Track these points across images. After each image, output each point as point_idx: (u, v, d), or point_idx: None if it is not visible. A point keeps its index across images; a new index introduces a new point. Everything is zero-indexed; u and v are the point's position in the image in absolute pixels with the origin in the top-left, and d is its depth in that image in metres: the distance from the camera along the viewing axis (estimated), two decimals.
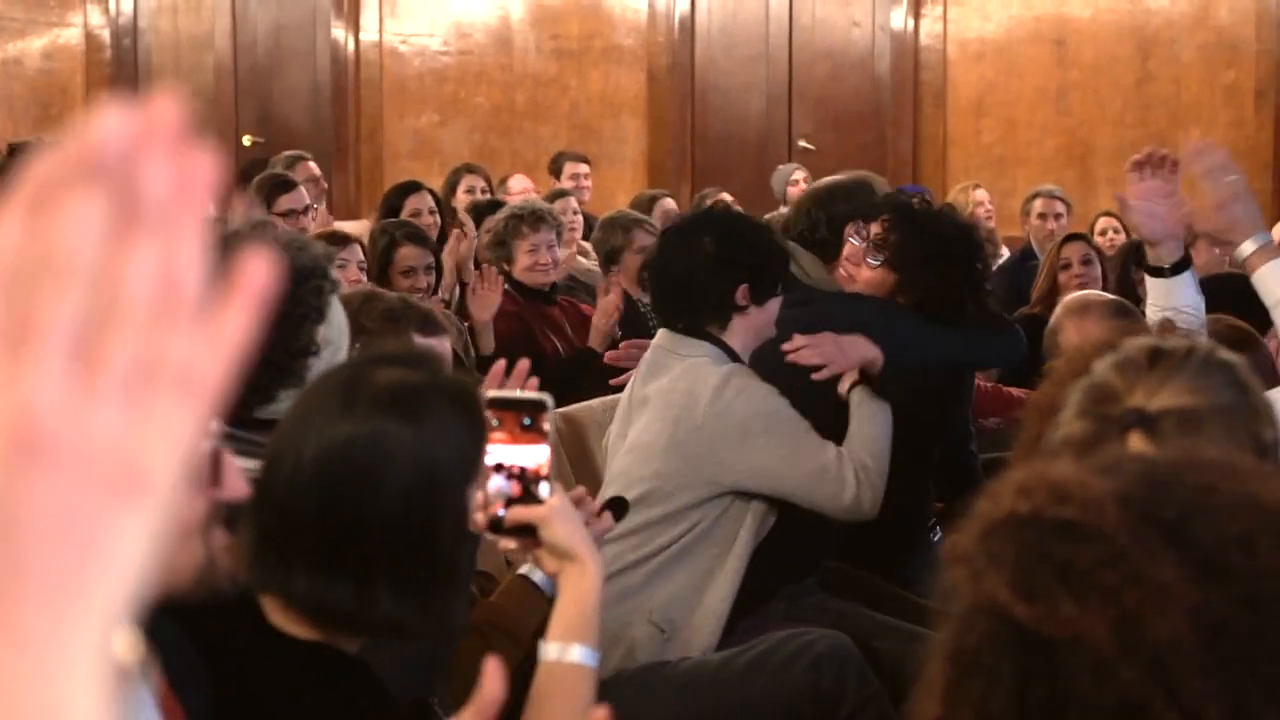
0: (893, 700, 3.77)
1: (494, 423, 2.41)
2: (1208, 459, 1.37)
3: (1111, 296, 5.31)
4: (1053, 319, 5.01)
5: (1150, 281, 3.76)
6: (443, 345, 3.24)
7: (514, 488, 2.42)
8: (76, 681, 0.72)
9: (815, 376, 4.25)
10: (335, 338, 3.12)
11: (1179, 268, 3.70)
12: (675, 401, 4.14)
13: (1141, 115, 12.57)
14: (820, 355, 4.27)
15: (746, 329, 4.27)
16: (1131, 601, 1.18)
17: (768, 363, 4.27)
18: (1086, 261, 7.33)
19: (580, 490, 2.87)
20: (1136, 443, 2.13)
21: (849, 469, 4.12)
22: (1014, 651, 1.21)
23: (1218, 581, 1.18)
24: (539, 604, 2.96)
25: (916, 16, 13.00)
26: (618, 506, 3.27)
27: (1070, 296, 5.38)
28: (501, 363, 3.01)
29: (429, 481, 2.35)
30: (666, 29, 13.36)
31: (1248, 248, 3.54)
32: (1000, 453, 4.35)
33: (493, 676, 1.82)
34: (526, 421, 2.41)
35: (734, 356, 4.21)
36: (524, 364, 2.95)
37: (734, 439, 4.11)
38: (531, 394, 2.49)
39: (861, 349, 4.33)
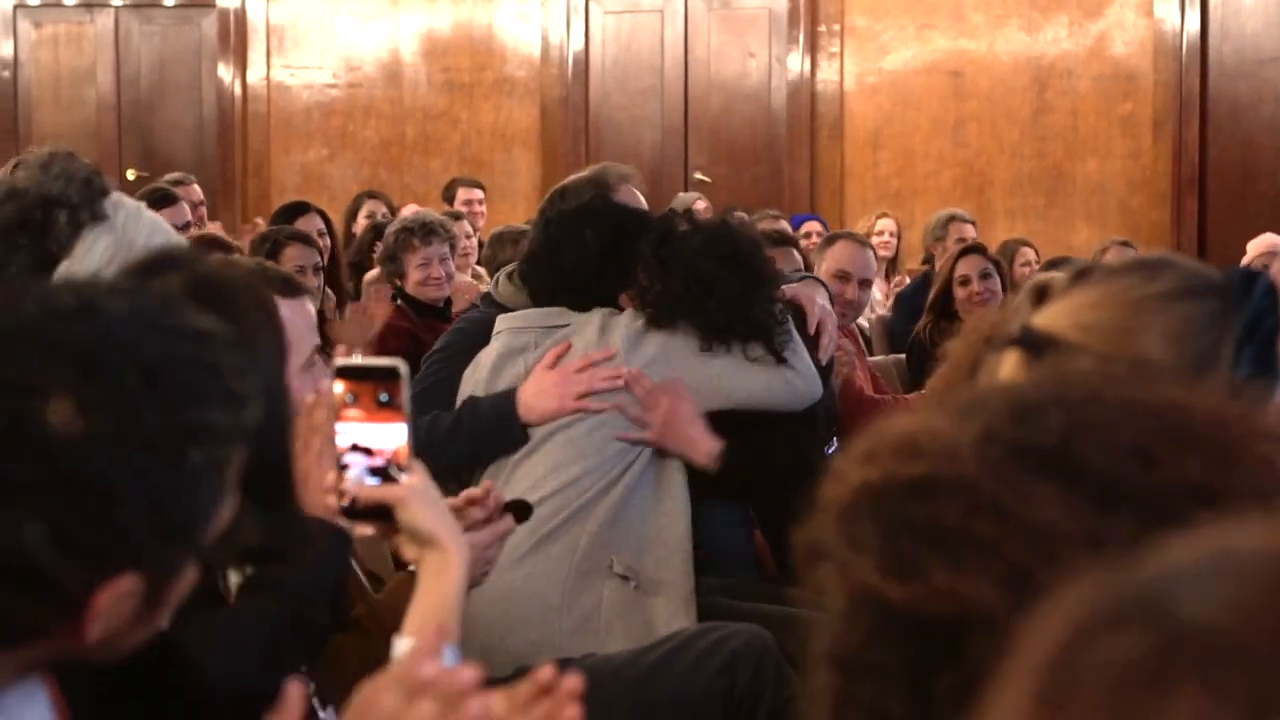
0: None
1: (347, 398, 2.21)
2: (1083, 370, 1.19)
3: None
4: None
5: None
6: (304, 307, 3.06)
7: (371, 469, 2.23)
8: None
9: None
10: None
11: None
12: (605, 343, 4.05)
13: (1039, 146, 12.55)
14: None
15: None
16: (1013, 552, 1.01)
17: None
18: (985, 276, 7.05)
19: (487, 484, 2.73)
20: (1010, 365, 1.85)
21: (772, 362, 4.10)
22: (902, 641, 1.04)
23: (1113, 505, 1.01)
24: None
25: (813, 49, 12.92)
26: (520, 509, 3.05)
27: None
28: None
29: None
30: (559, 61, 13.23)
31: None
32: None
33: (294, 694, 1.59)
34: (383, 398, 2.22)
35: None
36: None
37: (683, 361, 4.04)
38: (383, 361, 2.29)
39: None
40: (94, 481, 1.47)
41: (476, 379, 4.16)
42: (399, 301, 6.60)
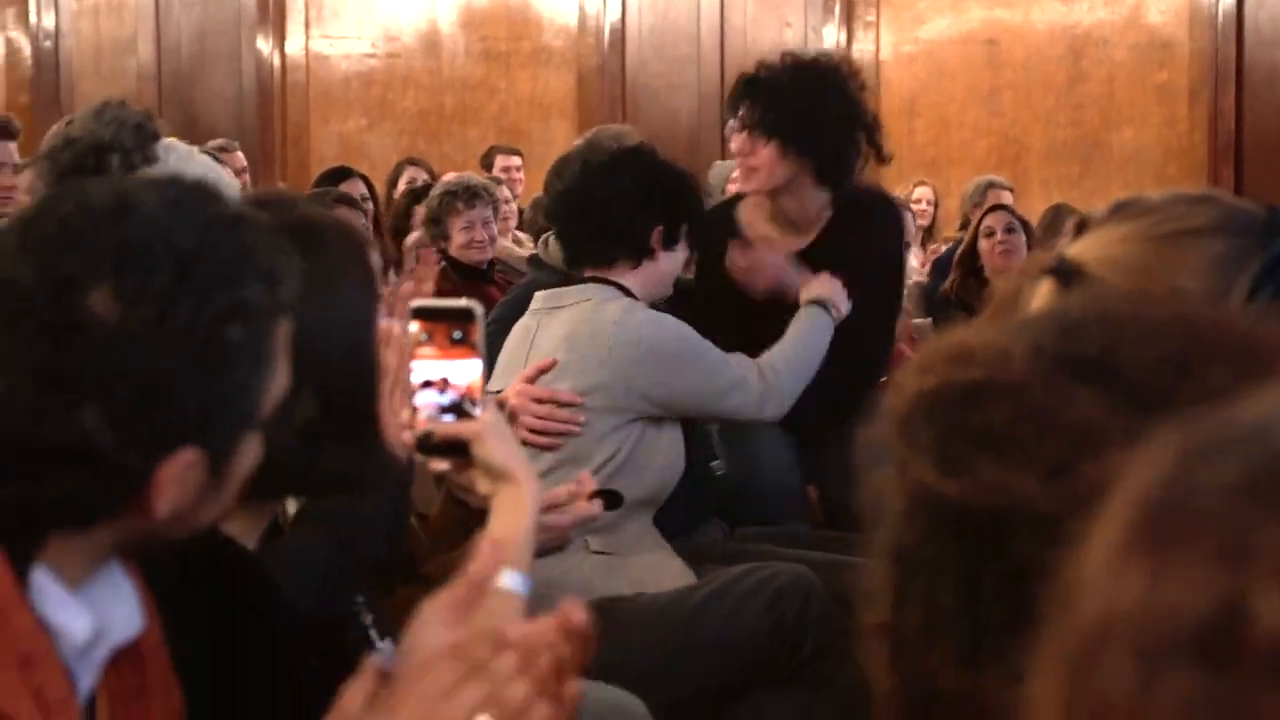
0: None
1: (422, 336, 2.29)
2: (1126, 292, 1.26)
3: None
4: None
5: None
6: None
7: (445, 404, 2.29)
8: None
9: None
10: None
11: None
12: (581, 344, 4.06)
13: (1074, 115, 12.55)
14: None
15: (649, 273, 4.22)
16: (1056, 449, 1.08)
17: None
18: (1010, 230, 7.19)
19: (585, 474, 2.82)
20: (1043, 294, 1.90)
21: (754, 374, 4.17)
22: (954, 536, 1.11)
23: (1149, 407, 1.07)
24: None
25: (849, 18, 12.94)
26: (610, 497, 3.13)
27: None
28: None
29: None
30: (596, 31, 13.27)
31: None
32: None
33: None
34: (457, 335, 2.28)
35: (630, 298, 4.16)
36: (427, 253, 2.81)
37: (648, 364, 4.06)
38: (458, 302, 2.35)
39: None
40: (140, 364, 1.55)
41: (502, 361, 4.26)
42: (443, 264, 6.68)
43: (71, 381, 1.53)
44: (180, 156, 3.33)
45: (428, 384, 2.30)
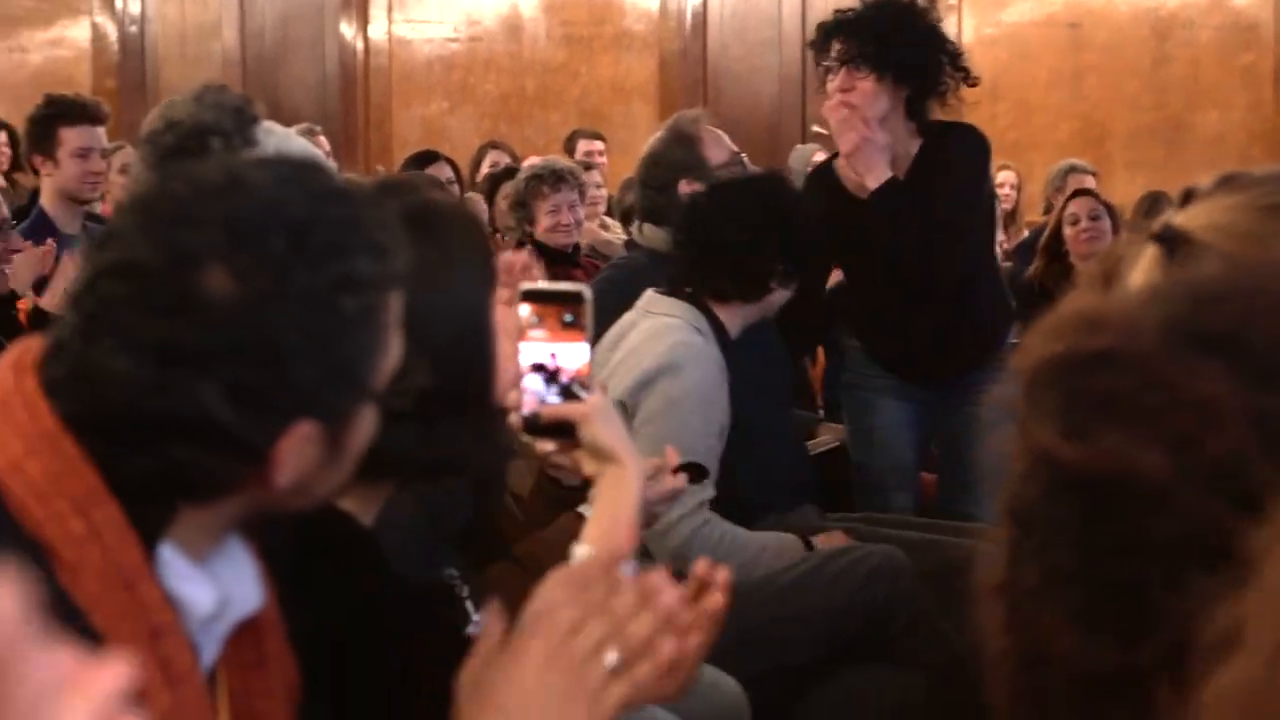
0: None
1: (533, 319, 2.31)
2: (1260, 262, 1.27)
3: None
4: None
5: None
6: None
7: (553, 387, 2.32)
8: None
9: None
10: None
11: None
12: (624, 367, 4.14)
13: (1158, 98, 12.49)
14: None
15: (754, 310, 4.27)
16: (1181, 422, 1.09)
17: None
18: (1095, 217, 7.16)
19: (669, 448, 2.83)
20: (1147, 260, 1.91)
21: (701, 513, 4.00)
22: (1074, 498, 1.13)
23: (1275, 385, 1.09)
24: None
25: (931, 1, 12.89)
26: (696, 469, 3.16)
27: None
28: (510, 255, 2.89)
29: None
30: (678, 14, 13.28)
31: None
32: None
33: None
34: (568, 318, 2.31)
35: (720, 332, 4.14)
36: (522, 258, 2.83)
37: (644, 384, 4.07)
38: (569, 285, 2.38)
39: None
40: (256, 339, 1.58)
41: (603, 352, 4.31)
42: (529, 248, 6.72)
43: (191, 357, 1.57)
44: (279, 139, 3.38)
45: (539, 367, 2.33)
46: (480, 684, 1.68)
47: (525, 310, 2.32)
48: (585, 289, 2.34)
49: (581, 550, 2.25)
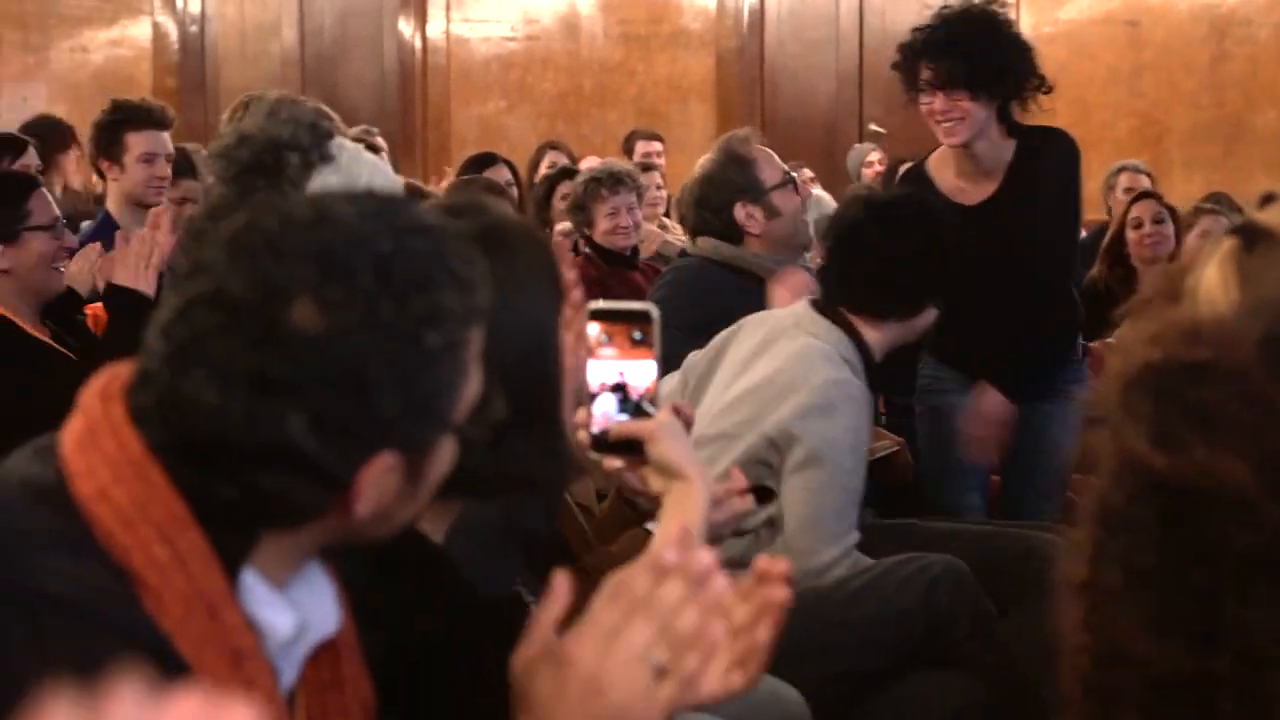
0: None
1: (602, 337, 2.34)
2: None
3: None
4: None
5: None
6: None
7: (624, 403, 2.35)
8: None
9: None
10: None
11: None
12: (774, 392, 4.12)
13: (1217, 96, 12.44)
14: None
15: (901, 332, 4.29)
16: (1272, 439, 1.10)
17: None
18: (1159, 221, 7.14)
19: (736, 470, 2.83)
20: (1223, 252, 1.90)
21: (849, 548, 4.04)
22: (1158, 505, 1.14)
23: None
24: None
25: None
26: (763, 492, 3.18)
27: None
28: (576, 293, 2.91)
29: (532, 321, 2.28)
30: (735, 13, 13.31)
31: None
32: None
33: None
34: (638, 336, 2.34)
35: (865, 353, 4.16)
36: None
37: (799, 417, 4.06)
38: (637, 304, 2.41)
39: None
40: (342, 371, 1.61)
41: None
42: (588, 250, 6.75)
43: (278, 388, 1.60)
44: (350, 155, 3.42)
45: (611, 385, 2.36)
46: (531, 677, 1.70)
47: (594, 329, 2.35)
48: (653, 308, 2.37)
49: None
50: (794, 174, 5.35)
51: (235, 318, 1.62)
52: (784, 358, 4.17)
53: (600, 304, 2.41)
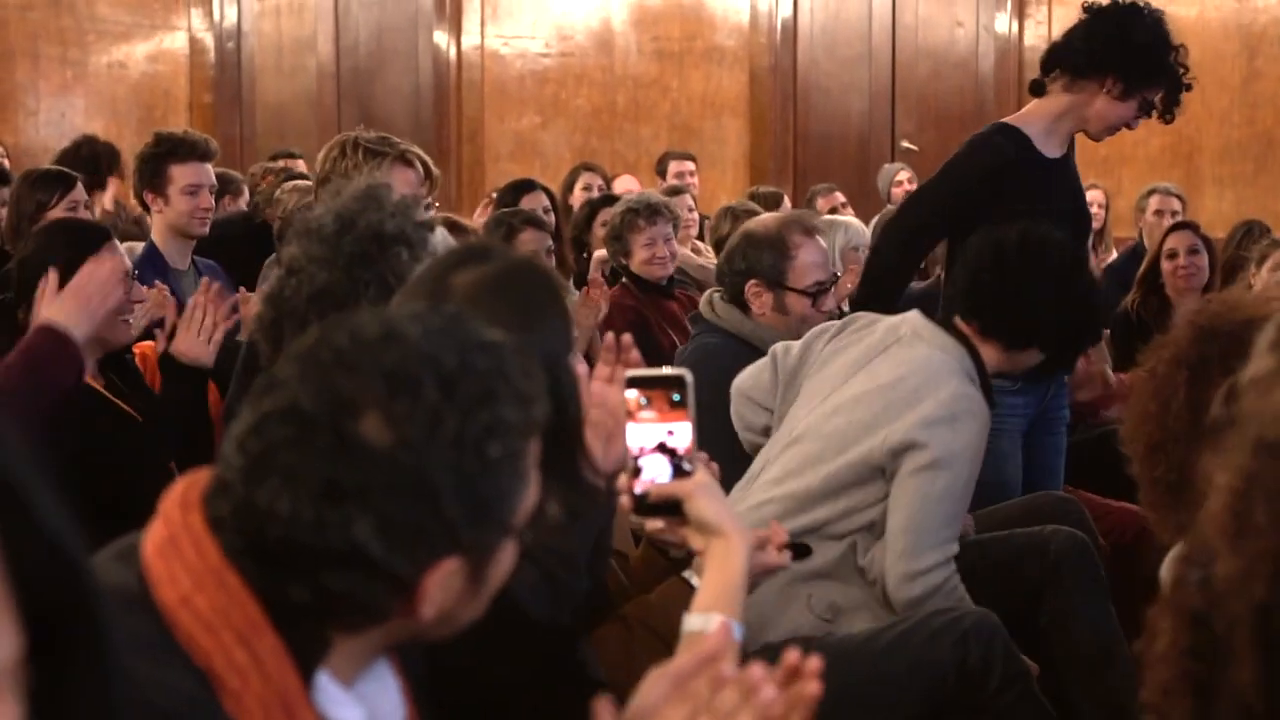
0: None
1: (641, 401, 2.42)
2: None
3: None
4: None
5: None
6: None
7: (664, 466, 2.43)
8: None
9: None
10: None
11: None
12: (898, 397, 4.17)
13: (1249, 114, 12.47)
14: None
15: (1005, 362, 4.35)
16: None
17: None
18: (1193, 251, 7.12)
19: (776, 523, 2.91)
20: (1275, 261, 1.95)
21: (946, 572, 4.08)
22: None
23: None
24: None
25: (1020, 16, 12.94)
26: (799, 549, 3.24)
27: None
28: (611, 336, 2.97)
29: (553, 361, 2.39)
30: (768, 30, 13.37)
31: None
32: None
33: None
34: (676, 398, 2.42)
35: (980, 368, 4.23)
36: (627, 338, 2.92)
37: (924, 426, 4.11)
38: (671, 370, 2.49)
39: None
40: (408, 481, 1.70)
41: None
42: (624, 280, 6.83)
43: (348, 496, 1.69)
44: (438, 243, 3.47)
45: (655, 448, 2.44)
46: None
47: (632, 394, 2.43)
48: (687, 373, 2.45)
49: (693, 621, 2.35)
50: (830, 278, 5.31)
51: (306, 430, 1.71)
52: (907, 365, 4.23)
53: (635, 371, 2.50)
